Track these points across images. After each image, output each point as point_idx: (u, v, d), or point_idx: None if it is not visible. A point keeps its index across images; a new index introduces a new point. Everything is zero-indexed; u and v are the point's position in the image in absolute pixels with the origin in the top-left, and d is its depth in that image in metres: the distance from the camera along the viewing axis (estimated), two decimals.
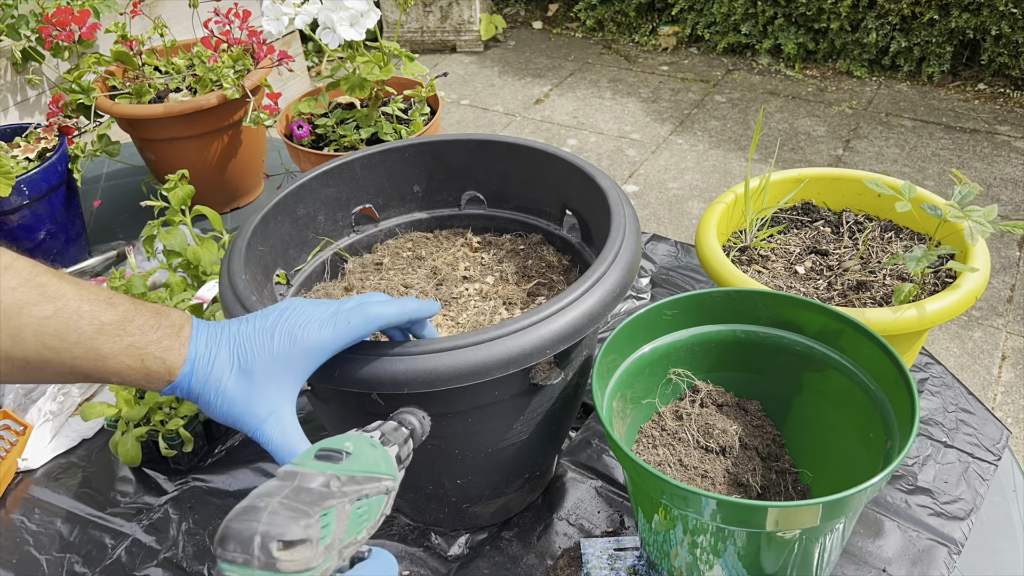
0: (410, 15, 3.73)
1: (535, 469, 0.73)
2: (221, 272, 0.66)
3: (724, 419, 0.71)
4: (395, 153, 0.81)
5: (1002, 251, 2.25)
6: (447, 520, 0.76)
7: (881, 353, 0.63)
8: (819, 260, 0.85)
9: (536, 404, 0.64)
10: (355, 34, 0.98)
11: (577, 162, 0.74)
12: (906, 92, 3.09)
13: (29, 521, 0.81)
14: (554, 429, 0.70)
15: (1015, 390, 1.85)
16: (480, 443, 0.65)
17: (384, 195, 0.84)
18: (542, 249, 0.80)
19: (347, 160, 0.80)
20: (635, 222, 0.66)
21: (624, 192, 0.69)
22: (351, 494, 0.42)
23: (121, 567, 0.76)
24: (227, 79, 1.16)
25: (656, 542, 0.64)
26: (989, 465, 0.78)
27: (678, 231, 2.47)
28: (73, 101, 1.18)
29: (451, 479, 0.68)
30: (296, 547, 0.38)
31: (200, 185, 1.21)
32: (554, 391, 0.65)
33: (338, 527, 0.40)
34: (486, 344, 0.54)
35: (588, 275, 0.59)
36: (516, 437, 0.66)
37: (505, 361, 0.54)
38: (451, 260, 0.81)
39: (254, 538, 0.37)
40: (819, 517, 0.53)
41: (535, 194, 0.81)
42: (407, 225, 0.86)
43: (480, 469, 0.68)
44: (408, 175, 0.83)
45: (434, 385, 0.54)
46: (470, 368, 0.54)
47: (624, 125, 3.07)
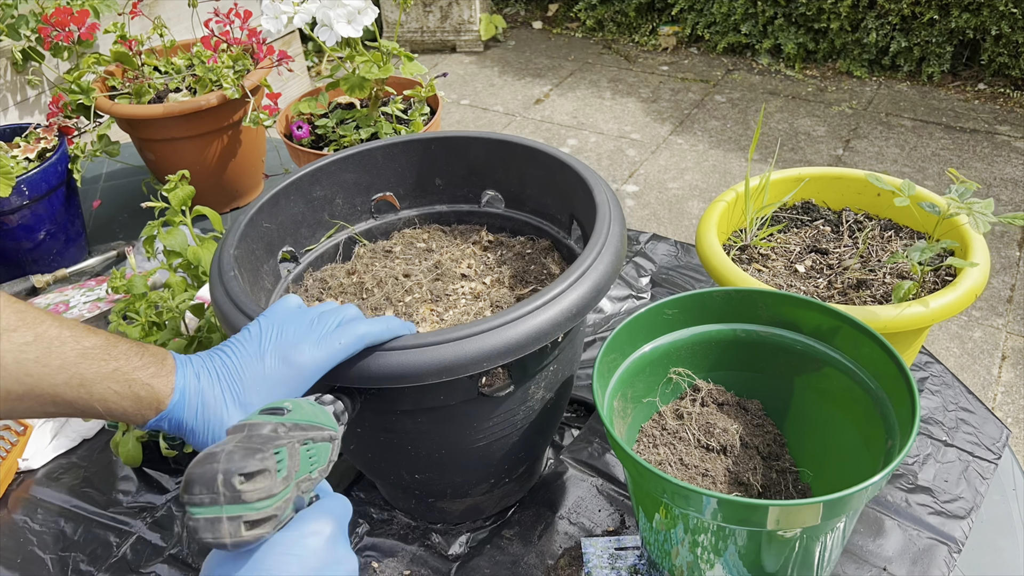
0: (410, 15, 3.73)
1: (503, 476, 0.72)
2: (217, 248, 0.67)
3: (725, 418, 0.71)
4: (417, 145, 0.82)
5: (1002, 251, 2.25)
6: (418, 511, 0.76)
7: (881, 352, 0.63)
8: (819, 259, 0.85)
9: (491, 414, 0.64)
10: (352, 31, 0.98)
11: (578, 167, 0.74)
12: (906, 92, 3.09)
13: (32, 521, 0.81)
14: (524, 440, 0.69)
15: (1015, 390, 1.85)
16: (433, 443, 0.65)
17: (405, 185, 0.84)
18: (547, 256, 0.80)
19: (369, 148, 0.81)
20: (616, 243, 0.64)
21: (619, 208, 0.68)
22: (298, 437, 0.45)
23: (127, 564, 0.76)
24: (227, 79, 1.16)
25: (657, 541, 0.64)
26: (989, 464, 0.78)
27: (678, 231, 2.47)
28: (73, 101, 1.18)
29: (409, 472, 0.69)
30: (256, 477, 0.40)
31: (200, 185, 1.21)
32: (513, 403, 0.64)
33: (291, 463, 0.43)
34: (425, 348, 0.54)
35: (542, 294, 0.58)
36: (473, 443, 0.65)
37: (438, 368, 0.54)
38: (457, 256, 0.81)
39: (216, 476, 0.40)
40: (820, 516, 0.53)
41: (549, 199, 0.81)
42: (427, 216, 0.86)
43: (438, 468, 0.68)
44: (430, 168, 0.84)
45: (369, 383, 0.55)
46: (404, 371, 0.54)
47: (624, 125, 3.07)
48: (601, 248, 0.62)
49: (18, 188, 1.06)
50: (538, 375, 0.64)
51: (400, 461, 0.68)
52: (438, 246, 0.83)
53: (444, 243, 0.84)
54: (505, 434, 0.66)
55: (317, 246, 0.81)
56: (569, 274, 0.59)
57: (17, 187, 1.06)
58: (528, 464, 0.76)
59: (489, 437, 0.66)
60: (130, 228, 1.30)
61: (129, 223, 1.32)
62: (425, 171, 0.84)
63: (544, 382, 0.66)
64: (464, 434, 0.65)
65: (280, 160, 1.43)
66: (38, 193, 1.10)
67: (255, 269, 0.73)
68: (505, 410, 0.64)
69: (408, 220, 0.86)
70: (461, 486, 0.71)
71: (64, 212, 1.16)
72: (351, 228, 0.83)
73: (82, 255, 1.23)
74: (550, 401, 0.69)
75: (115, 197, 1.39)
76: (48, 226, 1.14)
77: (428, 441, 0.65)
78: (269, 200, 0.74)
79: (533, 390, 0.65)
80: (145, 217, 1.31)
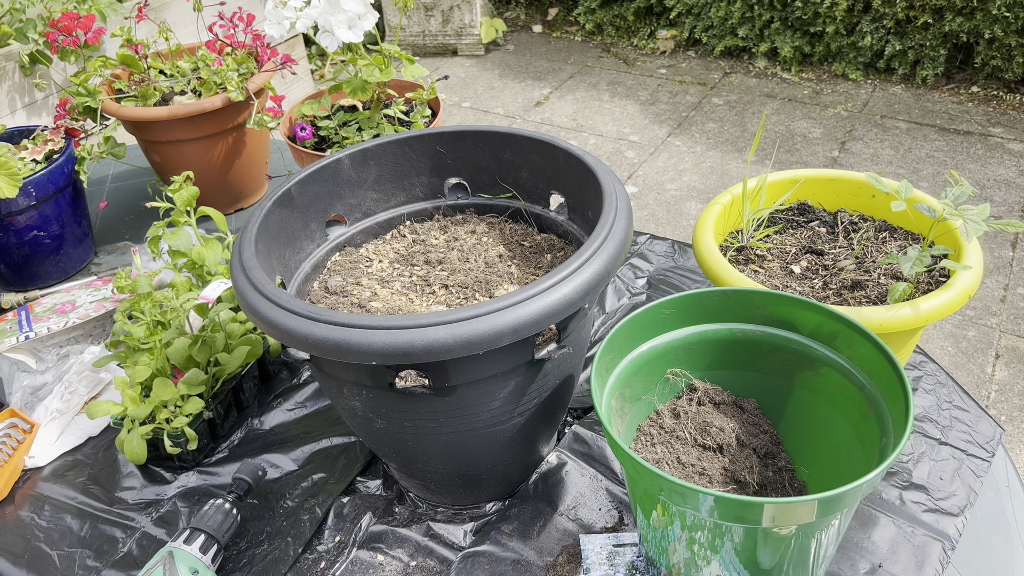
0: (412, 19, 3.74)
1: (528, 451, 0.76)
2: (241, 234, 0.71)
3: (721, 417, 0.72)
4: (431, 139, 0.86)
5: (995, 251, 2.27)
6: (442, 495, 0.80)
7: (876, 351, 0.64)
8: (815, 260, 0.86)
9: (534, 379, 0.67)
10: (353, 36, 0.99)
11: (579, 153, 0.76)
12: (901, 95, 3.11)
13: (39, 518, 0.82)
14: (474, 451, 0.71)
15: (1008, 388, 1.86)
16: (477, 416, 0.68)
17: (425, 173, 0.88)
18: (544, 256, 0.82)
19: (388, 142, 0.85)
20: (625, 220, 0.67)
21: (624, 193, 0.71)
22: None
23: (132, 560, 0.77)
24: (231, 82, 1.17)
25: (654, 538, 0.65)
26: (983, 462, 0.79)
27: (676, 231, 2.48)
28: (80, 104, 1.19)
29: (441, 453, 0.72)
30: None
31: (204, 186, 1.22)
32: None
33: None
34: (496, 314, 0.57)
35: (577, 255, 0.61)
36: (513, 415, 0.69)
37: (512, 329, 0.57)
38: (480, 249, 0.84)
39: None
40: (815, 513, 0.53)
41: (570, 191, 0.83)
42: (466, 206, 0.90)
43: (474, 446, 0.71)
44: (481, 159, 0.87)
45: (439, 356, 0.57)
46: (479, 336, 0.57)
47: (623, 127, 3.09)
48: (614, 219, 0.66)
49: (25, 189, 1.07)
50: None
51: (435, 442, 0.70)
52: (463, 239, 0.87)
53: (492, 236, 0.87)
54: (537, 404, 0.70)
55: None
56: (596, 237, 0.63)
57: (24, 188, 1.07)
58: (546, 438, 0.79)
59: (529, 408, 0.69)
60: (136, 229, 1.31)
61: (135, 224, 1.33)
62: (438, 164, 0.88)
63: (576, 343, 0.69)
64: (510, 405, 0.67)
65: (284, 162, 1.44)
66: (45, 194, 1.11)
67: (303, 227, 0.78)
68: (545, 374, 0.67)
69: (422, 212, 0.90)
70: (494, 464, 0.74)
71: (71, 213, 1.17)
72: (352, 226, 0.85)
73: (88, 256, 1.24)
74: (568, 376, 0.72)
75: (121, 198, 1.40)
76: (54, 227, 1.15)
77: (470, 416, 0.67)
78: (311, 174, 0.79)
79: (568, 352, 0.68)
80: (150, 218, 1.32)
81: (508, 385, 0.65)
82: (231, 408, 0.91)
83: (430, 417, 0.66)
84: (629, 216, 0.68)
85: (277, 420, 0.92)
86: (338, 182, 0.83)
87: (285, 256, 0.77)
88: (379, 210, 0.88)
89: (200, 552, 0.71)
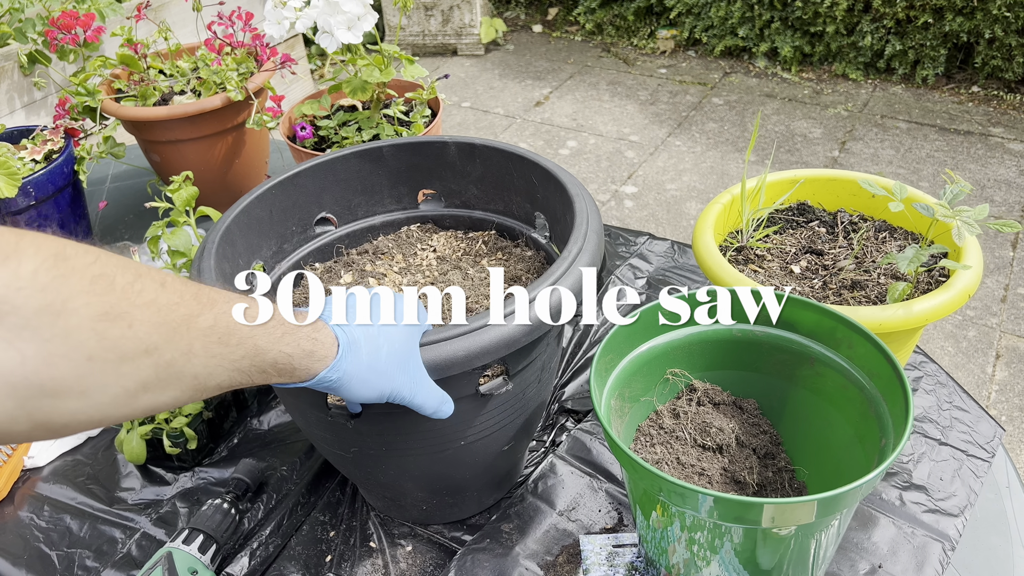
0: (412, 19, 3.74)
1: (489, 477, 0.75)
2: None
3: (721, 417, 0.72)
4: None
5: (996, 251, 2.27)
6: (410, 514, 0.79)
7: (875, 351, 0.64)
8: (814, 260, 0.86)
9: (484, 407, 0.66)
10: (352, 37, 0.99)
11: (560, 175, 0.75)
12: (901, 95, 3.11)
13: (38, 518, 0.82)
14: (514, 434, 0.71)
15: (1009, 388, 1.86)
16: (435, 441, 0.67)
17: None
18: (524, 264, 0.82)
19: (375, 148, 0.86)
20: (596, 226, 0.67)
21: (593, 202, 0.70)
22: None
23: (132, 560, 0.77)
24: (231, 82, 1.17)
25: (654, 539, 0.65)
26: (983, 462, 0.79)
27: (676, 231, 2.48)
28: (79, 103, 1.19)
29: (408, 475, 0.72)
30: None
31: (204, 186, 1.22)
32: (509, 396, 0.65)
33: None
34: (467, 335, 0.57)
35: (547, 274, 0.60)
36: (470, 438, 0.68)
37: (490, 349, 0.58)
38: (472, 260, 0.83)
39: None
40: (814, 514, 0.53)
41: (541, 204, 0.82)
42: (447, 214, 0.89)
43: (442, 465, 0.71)
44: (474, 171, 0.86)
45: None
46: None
47: (623, 127, 3.09)
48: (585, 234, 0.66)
49: (24, 189, 1.07)
50: (524, 373, 0.66)
51: (397, 464, 0.69)
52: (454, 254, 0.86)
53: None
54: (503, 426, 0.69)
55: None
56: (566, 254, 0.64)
57: (23, 188, 1.07)
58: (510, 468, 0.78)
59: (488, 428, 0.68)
60: (135, 228, 1.31)
61: (135, 224, 1.33)
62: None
63: (524, 382, 0.68)
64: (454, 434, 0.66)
65: (283, 162, 1.44)
66: (44, 194, 1.11)
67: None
68: (494, 407, 0.66)
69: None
70: (458, 487, 0.73)
71: (70, 213, 1.17)
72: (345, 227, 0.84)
73: None
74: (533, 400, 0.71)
75: (121, 198, 1.40)
76: (54, 227, 1.15)
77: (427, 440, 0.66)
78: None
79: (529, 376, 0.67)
80: (150, 218, 1.32)
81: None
82: (230, 408, 0.91)
83: (376, 440, 0.66)
84: (594, 250, 0.66)
85: (277, 420, 0.92)
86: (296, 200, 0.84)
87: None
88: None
89: (199, 552, 0.71)
